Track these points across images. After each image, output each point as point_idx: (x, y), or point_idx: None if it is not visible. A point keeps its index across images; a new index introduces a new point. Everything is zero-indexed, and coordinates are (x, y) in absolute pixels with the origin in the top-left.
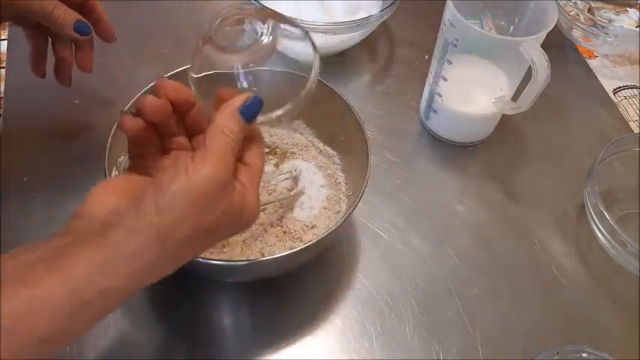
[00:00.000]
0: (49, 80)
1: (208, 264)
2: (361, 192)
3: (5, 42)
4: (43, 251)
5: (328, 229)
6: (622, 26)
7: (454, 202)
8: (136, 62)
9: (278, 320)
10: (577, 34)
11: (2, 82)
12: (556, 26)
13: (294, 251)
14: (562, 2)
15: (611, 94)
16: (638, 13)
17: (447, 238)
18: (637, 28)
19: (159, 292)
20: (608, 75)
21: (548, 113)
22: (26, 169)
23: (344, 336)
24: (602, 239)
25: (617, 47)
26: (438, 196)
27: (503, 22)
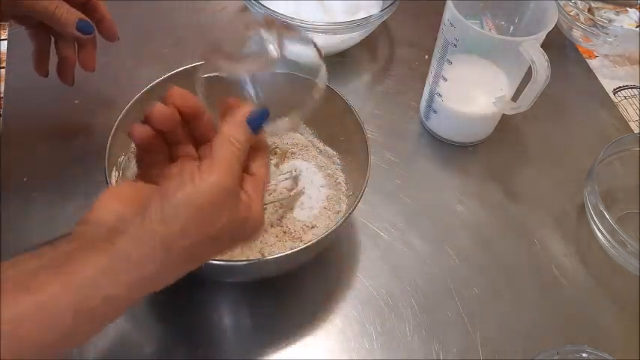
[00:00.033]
0: (49, 80)
1: (208, 264)
2: (361, 192)
3: (5, 42)
4: (48, 257)
5: (328, 229)
6: (622, 26)
7: (454, 202)
8: (136, 62)
9: (278, 320)
10: (577, 34)
11: (2, 82)
12: (556, 26)
13: (294, 251)
14: (562, 2)
15: (611, 94)
16: (638, 13)
17: (447, 238)
18: (637, 28)
19: (159, 292)
20: (608, 75)
21: (548, 113)
22: (26, 169)
23: (344, 336)
24: (602, 239)
25: (617, 47)
26: (438, 196)
27: (503, 22)
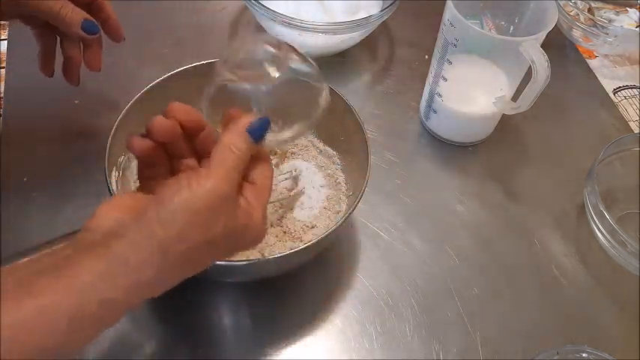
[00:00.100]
0: (49, 80)
1: None
2: (361, 192)
3: (5, 42)
4: (47, 262)
5: (328, 229)
6: (622, 26)
7: (454, 202)
8: (136, 62)
9: (278, 320)
10: (577, 34)
11: (2, 82)
12: (556, 26)
13: (294, 251)
14: (562, 2)
15: (611, 94)
16: (638, 13)
17: (447, 238)
18: (637, 28)
19: None
20: (608, 75)
21: (548, 113)
22: (26, 169)
23: (344, 336)
24: (602, 239)
25: (617, 47)
26: (438, 196)
27: (503, 22)
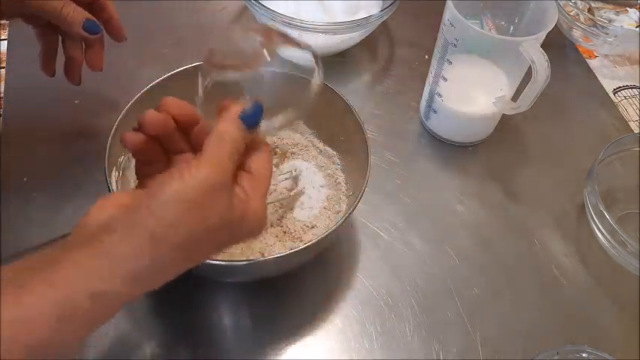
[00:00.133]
0: (49, 80)
1: (208, 264)
2: (361, 192)
3: (5, 42)
4: (37, 259)
5: (328, 229)
6: (622, 26)
7: (454, 202)
8: (136, 62)
9: (278, 320)
10: (577, 34)
11: (2, 82)
12: (556, 26)
13: (294, 251)
14: (562, 2)
15: (611, 94)
16: (638, 13)
17: (447, 238)
18: (637, 28)
19: (159, 292)
20: (608, 75)
21: (548, 113)
22: (26, 169)
23: (344, 336)
24: (602, 239)
25: (617, 47)
26: (438, 196)
27: (503, 22)
